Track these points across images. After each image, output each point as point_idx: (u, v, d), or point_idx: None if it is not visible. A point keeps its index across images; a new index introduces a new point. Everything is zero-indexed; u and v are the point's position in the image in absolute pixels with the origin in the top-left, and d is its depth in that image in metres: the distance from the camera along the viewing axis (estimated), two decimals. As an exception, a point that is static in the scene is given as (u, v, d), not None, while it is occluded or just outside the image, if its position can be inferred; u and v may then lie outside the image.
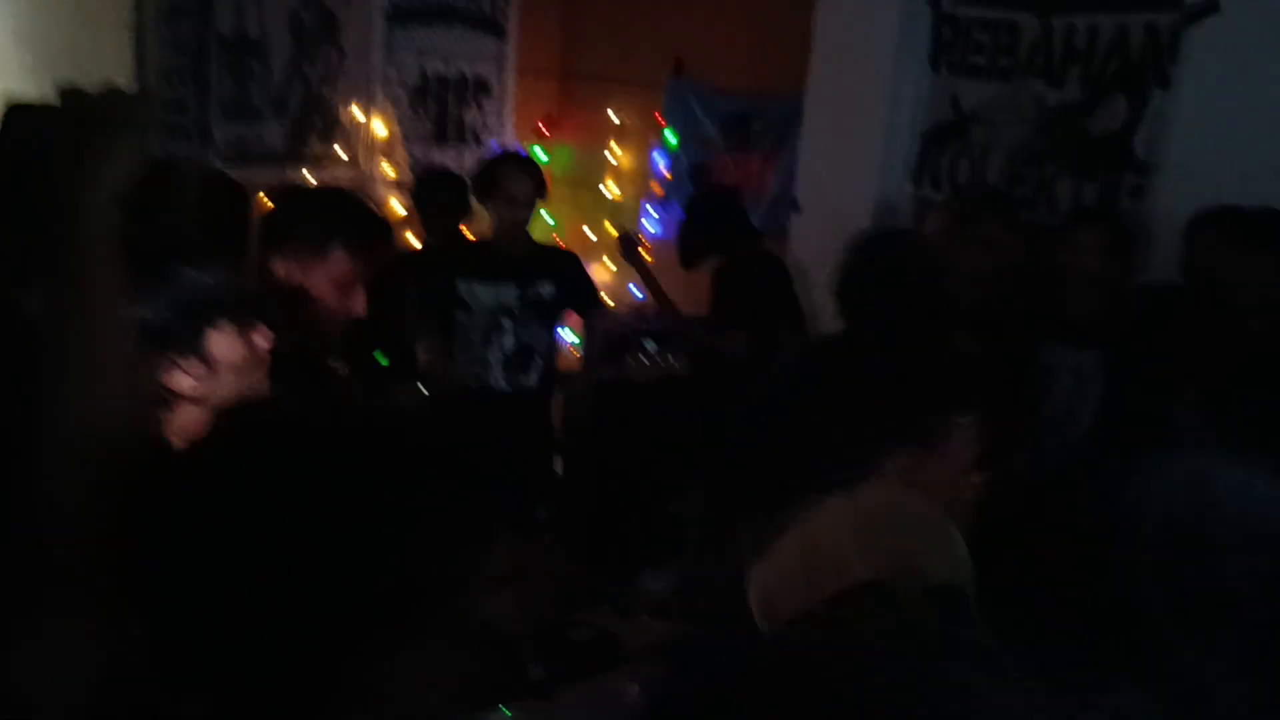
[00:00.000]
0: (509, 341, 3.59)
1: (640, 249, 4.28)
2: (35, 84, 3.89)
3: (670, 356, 3.73)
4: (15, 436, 0.84)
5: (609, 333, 4.08)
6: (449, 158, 5.28)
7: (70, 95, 0.95)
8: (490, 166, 3.64)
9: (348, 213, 2.12)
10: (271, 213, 2.25)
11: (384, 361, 3.97)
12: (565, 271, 3.70)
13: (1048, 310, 3.10)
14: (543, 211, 5.58)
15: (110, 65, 4.04)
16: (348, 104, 4.90)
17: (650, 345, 3.76)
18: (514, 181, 3.49)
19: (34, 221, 0.90)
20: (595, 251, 5.30)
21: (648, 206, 5.27)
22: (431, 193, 4.11)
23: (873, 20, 4.07)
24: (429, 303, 3.59)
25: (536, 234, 5.27)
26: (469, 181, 3.85)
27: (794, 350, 3.50)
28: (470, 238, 4.04)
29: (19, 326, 1.01)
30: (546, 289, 3.61)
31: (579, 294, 3.74)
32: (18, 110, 0.91)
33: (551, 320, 3.71)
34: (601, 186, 5.44)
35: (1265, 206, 2.82)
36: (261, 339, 1.42)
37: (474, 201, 3.79)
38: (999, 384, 2.45)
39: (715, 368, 3.82)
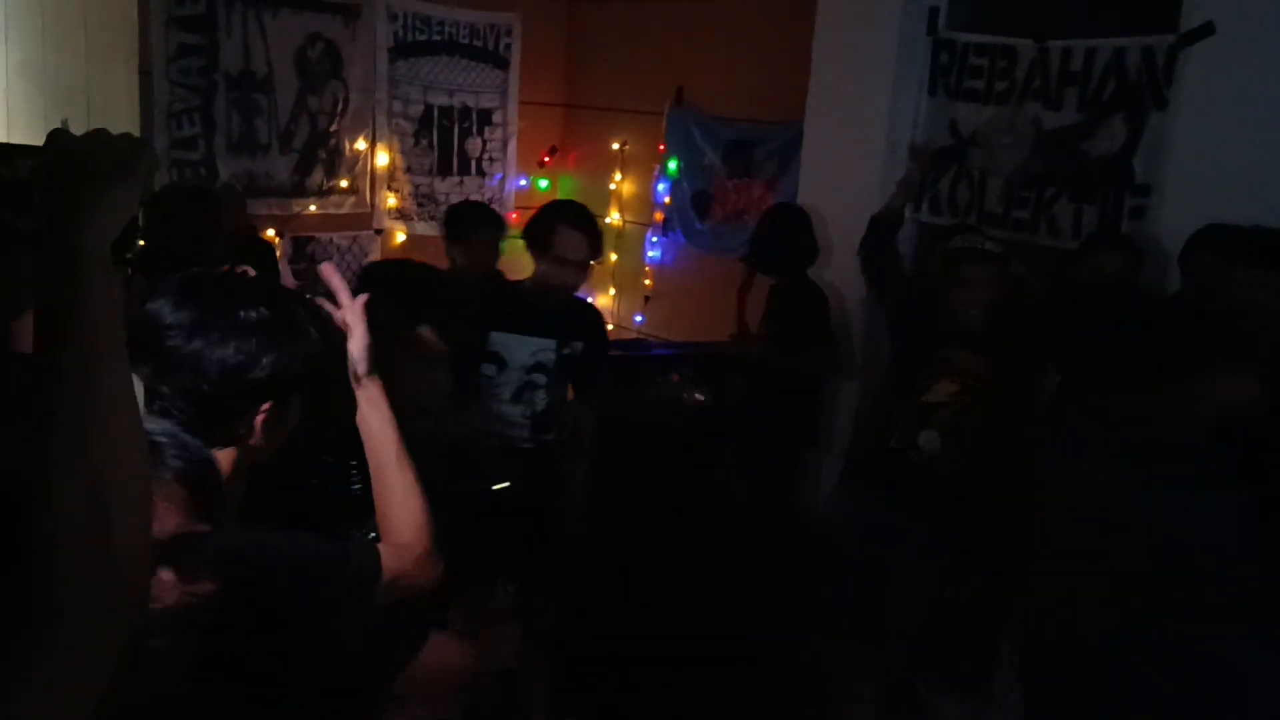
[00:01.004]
0: (541, 400, 3.27)
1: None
2: (44, 119, 3.95)
3: (695, 388, 3.64)
4: (18, 490, 0.82)
5: (620, 361, 4.07)
6: (452, 187, 5.33)
7: (58, 139, 0.94)
8: (547, 219, 3.24)
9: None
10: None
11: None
12: (595, 330, 3.39)
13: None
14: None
15: (118, 102, 4.09)
16: (352, 137, 4.96)
17: (671, 376, 3.64)
18: (569, 245, 3.14)
19: (30, 269, 0.90)
20: (599, 278, 5.33)
21: (650, 234, 5.30)
22: (470, 225, 3.85)
23: (871, 47, 4.11)
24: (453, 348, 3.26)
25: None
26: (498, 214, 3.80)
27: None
28: (505, 277, 3.74)
29: (15, 372, 1.01)
30: (578, 346, 3.28)
31: (596, 358, 3.37)
32: (4, 150, 0.91)
33: (572, 375, 3.37)
34: (605, 215, 5.47)
35: (1260, 225, 2.83)
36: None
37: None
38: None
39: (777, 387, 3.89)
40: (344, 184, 4.97)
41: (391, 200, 5.14)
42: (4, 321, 1.29)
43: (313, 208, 4.85)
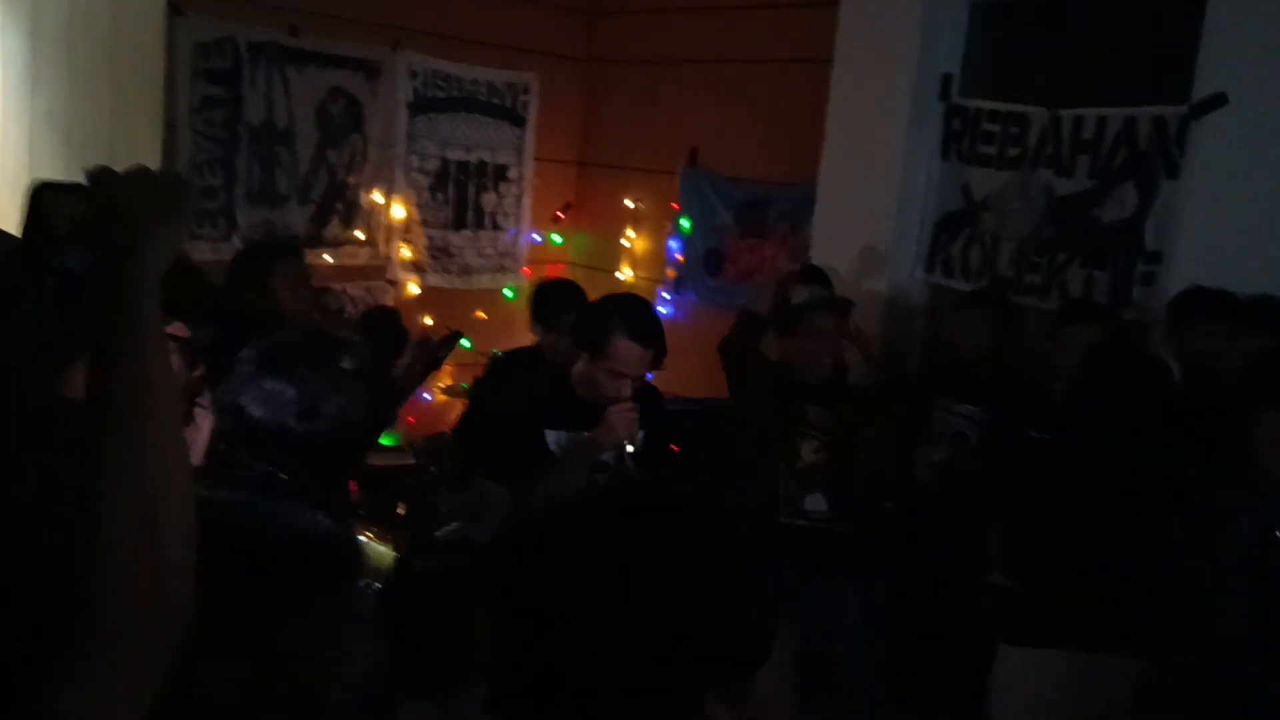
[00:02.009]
0: None
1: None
2: (67, 168, 4.01)
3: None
4: (72, 515, 0.87)
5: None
6: (467, 241, 5.38)
7: (103, 177, 0.98)
8: (604, 324, 2.75)
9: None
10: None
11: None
12: (656, 414, 2.94)
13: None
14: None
15: (142, 152, 4.15)
16: (370, 189, 5.01)
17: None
18: (628, 359, 2.69)
19: (82, 303, 0.93)
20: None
21: (662, 291, 5.33)
22: (561, 307, 3.50)
23: (884, 111, 4.16)
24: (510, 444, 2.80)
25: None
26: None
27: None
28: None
29: (61, 409, 1.03)
30: (640, 438, 2.78)
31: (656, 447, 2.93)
32: (51, 189, 0.93)
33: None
34: (618, 272, 5.51)
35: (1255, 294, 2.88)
36: None
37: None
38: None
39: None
40: (360, 235, 5.02)
41: (406, 252, 5.19)
42: (59, 367, 1.32)
43: (328, 258, 4.89)
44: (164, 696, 0.86)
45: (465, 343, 5.11)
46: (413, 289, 5.24)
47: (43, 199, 3.23)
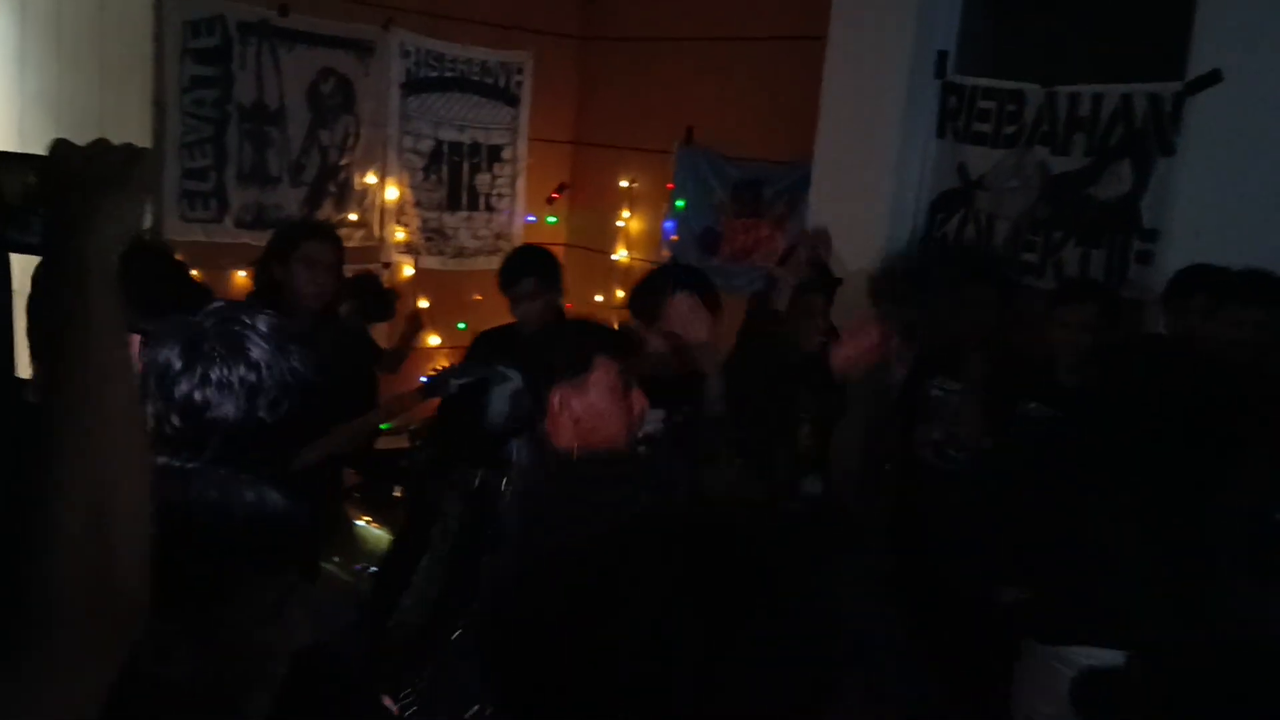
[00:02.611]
0: None
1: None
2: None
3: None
4: (23, 508, 0.83)
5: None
6: (461, 222, 5.35)
7: (58, 149, 0.95)
8: (658, 288, 2.83)
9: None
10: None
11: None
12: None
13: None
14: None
15: (131, 132, 4.12)
16: (363, 170, 4.98)
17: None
18: (680, 310, 2.67)
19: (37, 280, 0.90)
20: (605, 314, 5.33)
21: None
22: (514, 274, 3.56)
23: (879, 89, 4.14)
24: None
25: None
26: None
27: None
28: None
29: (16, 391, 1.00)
30: (687, 410, 2.76)
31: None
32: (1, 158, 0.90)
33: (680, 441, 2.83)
34: (613, 252, 5.49)
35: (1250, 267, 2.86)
36: None
37: None
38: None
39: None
40: (353, 217, 4.99)
41: (400, 234, 5.16)
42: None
43: (321, 240, 4.86)
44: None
45: (461, 325, 5.10)
46: (407, 271, 5.22)
47: None
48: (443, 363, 4.03)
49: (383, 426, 4.84)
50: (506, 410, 2.41)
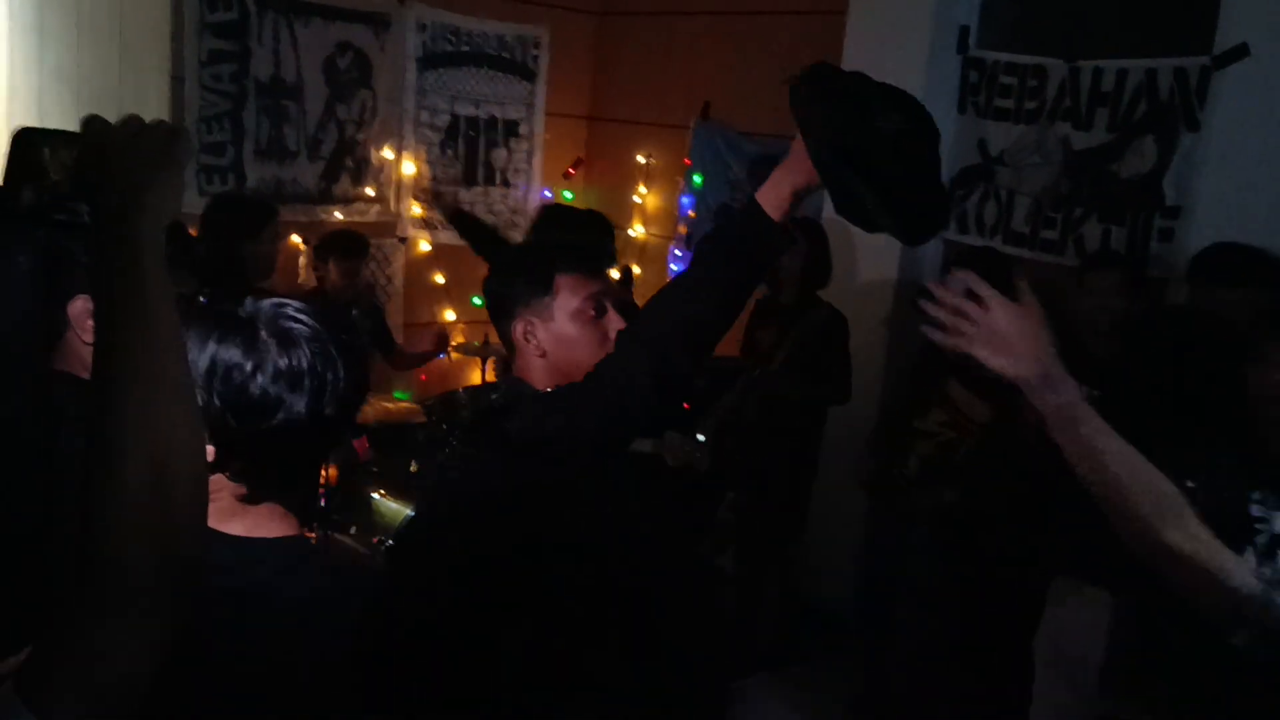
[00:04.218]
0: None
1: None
2: (76, 122, 3.99)
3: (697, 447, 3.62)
4: (83, 478, 0.87)
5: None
6: (477, 197, 5.35)
7: (94, 127, 0.97)
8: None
9: None
10: None
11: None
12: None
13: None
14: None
15: (150, 106, 4.13)
16: (379, 145, 4.98)
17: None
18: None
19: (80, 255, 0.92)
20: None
21: (674, 248, 5.30)
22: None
23: (899, 63, 4.09)
24: None
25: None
26: None
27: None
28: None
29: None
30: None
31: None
32: (39, 135, 0.90)
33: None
34: (629, 228, 5.48)
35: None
36: None
37: None
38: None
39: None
40: (370, 192, 4.99)
41: (416, 209, 5.16)
42: (59, 305, 1.29)
43: (338, 215, 4.87)
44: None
45: (476, 300, 5.11)
46: (424, 246, 5.22)
47: (32, 145, 3.20)
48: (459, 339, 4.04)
49: (398, 396, 4.88)
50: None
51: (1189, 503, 1.67)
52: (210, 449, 1.16)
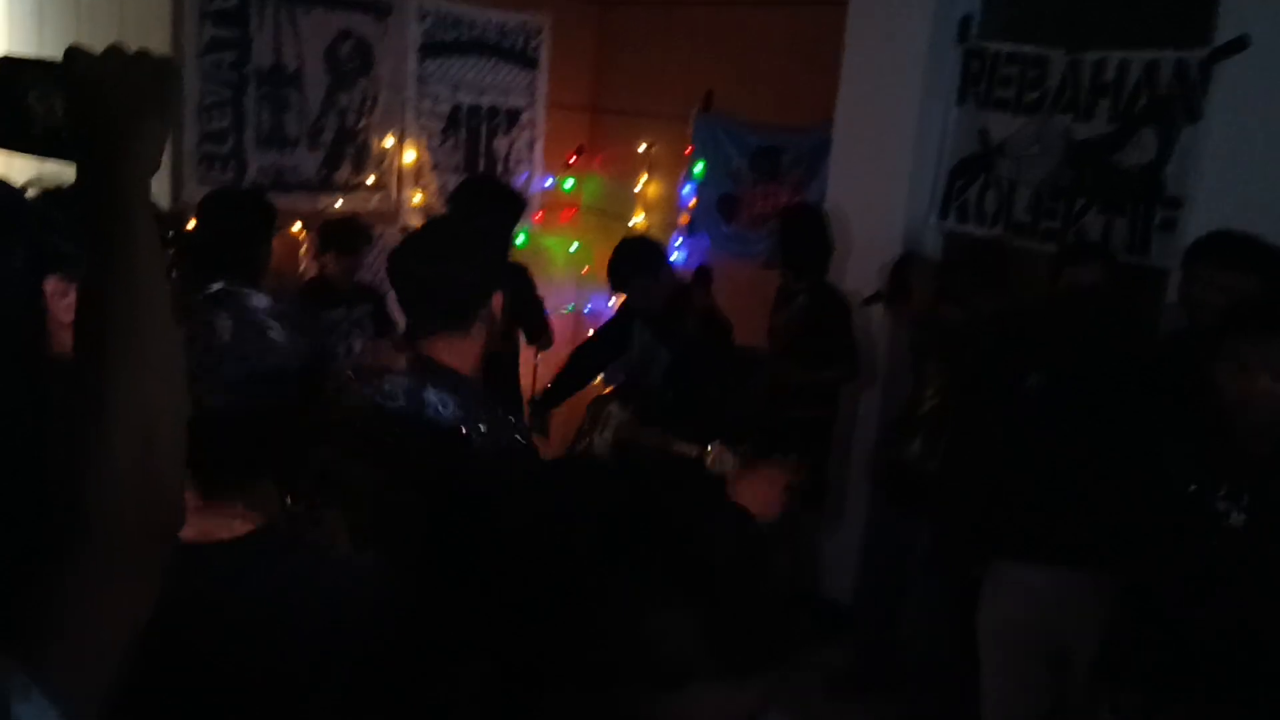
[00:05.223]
0: None
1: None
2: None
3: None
4: (66, 418, 0.86)
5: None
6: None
7: (78, 61, 0.91)
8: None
9: None
10: None
11: None
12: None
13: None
14: (575, 242, 5.64)
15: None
16: (381, 134, 4.98)
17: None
18: None
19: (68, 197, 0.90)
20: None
21: (675, 237, 5.30)
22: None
23: (900, 54, 4.09)
24: None
25: (560, 263, 5.33)
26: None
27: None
28: None
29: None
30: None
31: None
32: (17, 67, 0.85)
33: None
34: (631, 218, 5.48)
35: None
36: None
37: None
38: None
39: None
40: (370, 180, 4.99)
41: (418, 197, 5.16)
42: (40, 278, 1.28)
43: (339, 203, 4.87)
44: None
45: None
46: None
47: (12, 80, 3.14)
48: None
49: None
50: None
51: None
52: None
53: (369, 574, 1.32)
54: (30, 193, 1.00)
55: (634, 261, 3.86)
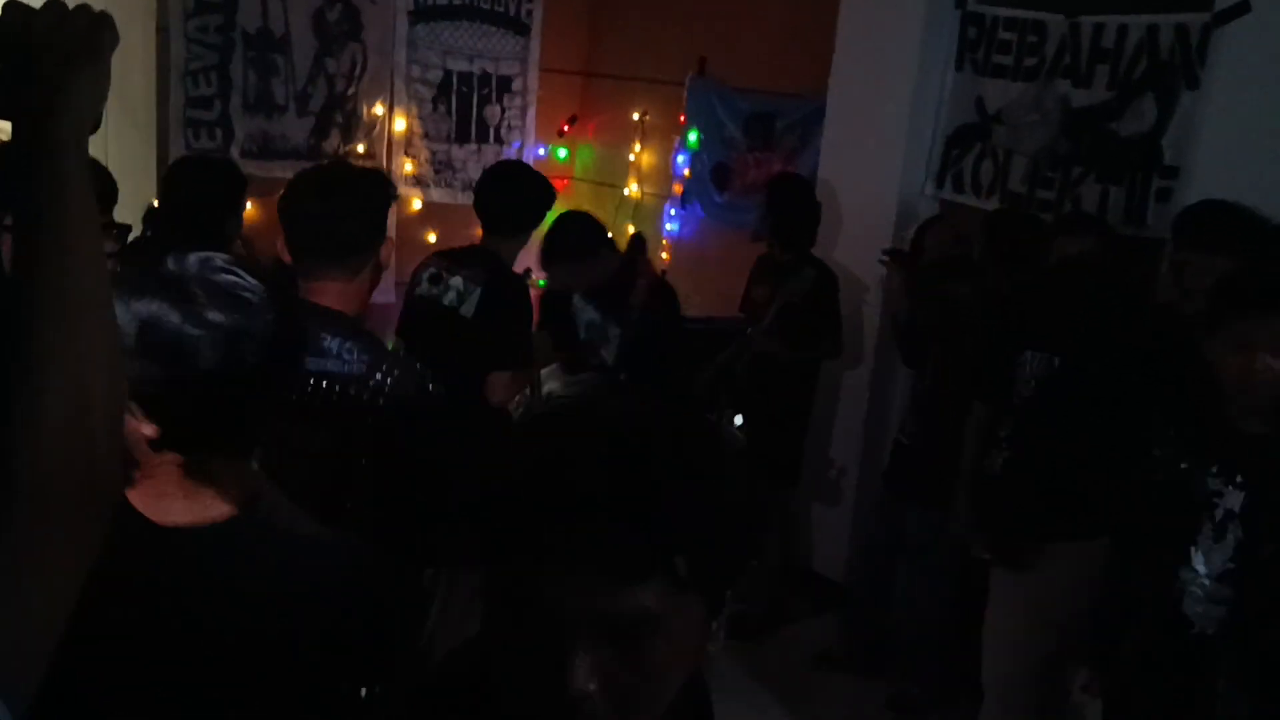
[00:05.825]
0: None
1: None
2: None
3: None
4: (8, 395, 0.84)
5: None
6: (470, 155, 5.28)
7: (8, 15, 0.89)
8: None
9: None
10: None
11: None
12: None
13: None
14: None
15: (135, 58, 4.06)
16: (370, 101, 4.91)
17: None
18: None
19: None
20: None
21: (669, 207, 5.25)
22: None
23: (897, 19, 4.03)
24: None
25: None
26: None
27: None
28: None
29: None
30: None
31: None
32: None
33: None
34: (624, 187, 5.43)
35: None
36: None
37: None
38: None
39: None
40: (360, 149, 4.92)
41: (408, 166, 5.10)
42: None
43: (329, 171, 4.81)
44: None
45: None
46: (415, 204, 5.17)
47: None
48: None
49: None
50: None
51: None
52: (151, 427, 1.14)
53: (340, 548, 1.29)
54: None
55: (563, 244, 3.54)
